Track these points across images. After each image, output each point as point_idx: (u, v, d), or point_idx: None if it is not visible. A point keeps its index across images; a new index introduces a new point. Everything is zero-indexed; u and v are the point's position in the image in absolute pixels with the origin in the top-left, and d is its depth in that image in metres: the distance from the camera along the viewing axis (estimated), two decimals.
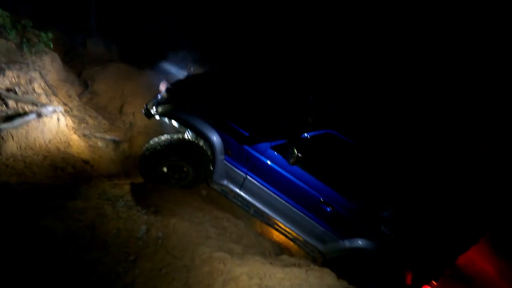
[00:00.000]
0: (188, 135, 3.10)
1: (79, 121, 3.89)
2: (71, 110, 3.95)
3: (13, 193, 2.13)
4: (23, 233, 1.70)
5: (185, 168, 2.89)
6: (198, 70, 5.21)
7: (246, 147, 2.83)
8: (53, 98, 3.64)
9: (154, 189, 2.71)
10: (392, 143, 3.38)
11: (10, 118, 2.75)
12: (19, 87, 3.20)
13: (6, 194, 2.08)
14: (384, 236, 2.92)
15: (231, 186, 3.01)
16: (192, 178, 2.94)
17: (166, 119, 2.98)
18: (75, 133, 3.57)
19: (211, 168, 2.94)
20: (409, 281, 2.95)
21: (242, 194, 3.02)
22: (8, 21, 3.66)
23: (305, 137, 2.79)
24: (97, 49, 6.08)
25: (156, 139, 2.89)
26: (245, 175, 2.91)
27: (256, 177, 2.91)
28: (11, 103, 2.98)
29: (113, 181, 2.82)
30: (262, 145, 2.84)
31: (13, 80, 3.26)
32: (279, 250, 3.15)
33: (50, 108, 3.11)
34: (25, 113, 2.87)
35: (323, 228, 3.00)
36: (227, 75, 4.59)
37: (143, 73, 5.37)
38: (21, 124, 2.74)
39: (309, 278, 2.17)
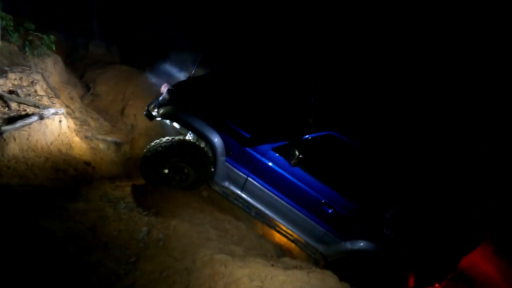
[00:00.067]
0: (189, 136, 3.11)
1: (81, 123, 3.91)
2: (73, 112, 3.97)
3: (14, 194, 2.14)
4: (23, 234, 1.70)
5: (186, 170, 2.89)
6: (199, 72, 5.22)
7: (247, 148, 2.83)
8: (55, 100, 3.66)
9: (155, 190, 2.71)
10: (392, 143, 3.37)
11: (12, 120, 2.77)
12: (21, 89, 3.22)
13: (7, 196, 2.09)
14: (385, 237, 2.91)
15: (232, 188, 3.00)
16: (193, 179, 2.93)
17: (168, 121, 2.99)
18: (77, 135, 3.58)
19: (212, 169, 2.94)
20: (411, 283, 2.93)
21: (243, 195, 3.01)
22: (11, 24, 3.68)
23: (306, 138, 2.78)
24: (98, 51, 6.11)
25: (157, 140, 2.90)
26: (246, 176, 2.90)
27: (257, 179, 2.90)
28: (14, 105, 3.00)
29: (114, 183, 2.82)
30: (263, 147, 2.84)
31: (16, 82, 3.28)
32: (280, 252, 3.14)
33: (52, 110, 3.12)
34: (27, 115, 2.89)
35: (324, 230, 2.99)
36: (227, 77, 4.59)
37: (144, 75, 5.39)
38: (23, 126, 2.75)
39: (311, 281, 2.16)
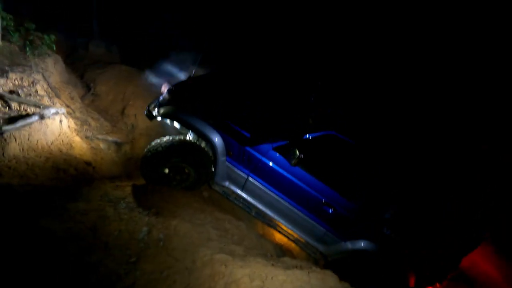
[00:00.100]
0: (189, 136, 3.11)
1: (82, 123, 3.91)
2: (74, 112, 3.97)
3: (15, 194, 2.14)
4: (24, 234, 1.71)
5: (186, 170, 2.90)
6: (199, 71, 5.22)
7: (248, 148, 2.83)
8: (55, 100, 3.66)
9: (155, 190, 2.71)
10: (393, 143, 3.37)
11: (13, 120, 2.77)
12: (22, 89, 3.22)
13: (8, 196, 2.09)
14: (385, 237, 2.91)
15: (233, 188, 3.00)
16: (193, 179, 2.94)
17: (168, 121, 2.99)
18: (77, 135, 3.59)
19: (212, 169, 2.94)
20: (412, 283, 2.93)
21: (244, 195, 3.01)
22: (11, 23, 3.69)
23: (307, 138, 2.78)
24: (98, 51, 6.11)
25: (157, 140, 2.90)
26: (246, 176, 2.90)
27: (257, 178, 2.91)
28: (14, 105, 3.00)
29: (115, 182, 2.82)
30: (264, 146, 2.84)
31: (16, 82, 3.28)
32: (281, 252, 3.14)
33: (53, 110, 3.12)
34: (27, 115, 2.89)
35: (324, 229, 2.99)
36: (228, 76, 4.59)
37: (144, 75, 5.39)
38: (23, 126, 2.75)
39: (311, 280, 2.16)
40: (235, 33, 7.72)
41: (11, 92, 3.10)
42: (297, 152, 2.58)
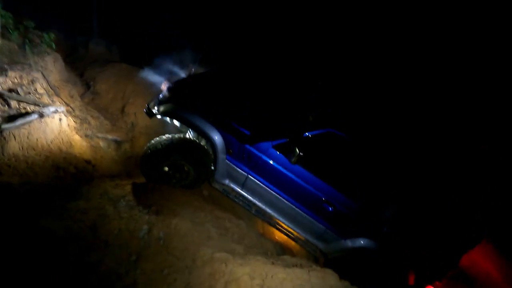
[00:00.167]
0: (189, 134, 3.10)
1: (81, 121, 3.90)
2: (73, 110, 3.96)
3: (14, 193, 2.13)
4: (24, 233, 1.70)
5: (186, 168, 2.89)
6: (199, 70, 5.21)
7: (248, 146, 2.83)
8: (55, 98, 3.65)
9: (155, 189, 2.71)
10: (393, 143, 3.37)
11: (12, 118, 2.76)
12: (21, 87, 3.21)
13: (7, 194, 2.08)
14: (385, 236, 2.91)
15: (233, 186, 3.00)
16: (193, 178, 2.93)
17: (168, 119, 2.98)
18: (77, 133, 3.58)
19: (212, 168, 2.93)
20: (411, 281, 2.94)
21: (244, 193, 3.01)
22: (11, 22, 3.67)
23: (307, 136, 2.78)
24: (98, 50, 6.09)
25: (157, 138, 2.90)
26: (246, 174, 2.90)
27: (257, 176, 2.90)
28: (14, 103, 2.99)
29: (114, 181, 2.82)
30: (264, 144, 2.83)
31: (16, 80, 3.27)
32: (281, 250, 3.14)
33: (52, 109, 3.11)
34: (27, 114, 2.88)
35: (324, 227, 2.99)
36: (228, 74, 4.58)
37: (144, 73, 5.38)
38: (23, 125, 2.74)
39: (311, 279, 2.16)
40: (235, 33, 7.70)
41: (10, 90, 3.09)
42: (297, 150, 2.58)
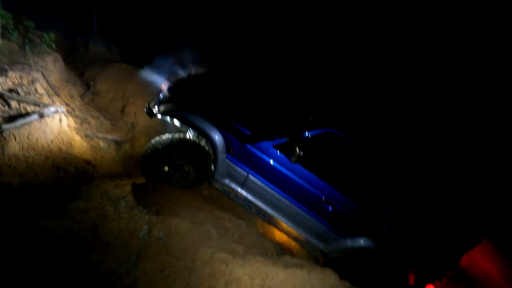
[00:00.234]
0: (189, 134, 3.10)
1: (81, 121, 3.90)
2: (73, 110, 3.96)
3: (14, 193, 2.13)
4: (24, 234, 1.70)
5: (186, 168, 2.89)
6: (199, 70, 5.21)
7: (248, 145, 2.83)
8: (55, 98, 3.65)
9: (155, 189, 2.71)
10: (393, 142, 3.37)
11: (12, 118, 2.76)
12: (21, 87, 3.21)
13: (8, 195, 2.08)
14: (385, 236, 2.91)
15: (233, 185, 3.00)
16: (192, 178, 2.93)
17: (168, 118, 2.98)
18: (77, 133, 3.58)
19: (212, 167, 2.93)
20: (411, 281, 2.94)
21: (244, 193, 3.01)
22: (11, 22, 3.67)
23: (307, 136, 2.78)
24: (98, 50, 6.10)
25: (157, 138, 2.90)
26: (246, 174, 2.90)
27: (257, 176, 2.90)
28: (14, 103, 2.99)
29: (115, 181, 2.82)
30: (264, 144, 2.83)
31: (16, 80, 3.27)
32: (281, 250, 3.14)
33: (52, 109, 3.11)
34: (27, 114, 2.88)
35: (324, 227, 2.99)
36: (228, 74, 4.59)
37: (144, 73, 5.37)
38: (23, 125, 2.74)
39: (311, 279, 2.16)
40: (235, 33, 7.70)
41: (10, 90, 3.09)
42: (297, 150, 2.58)
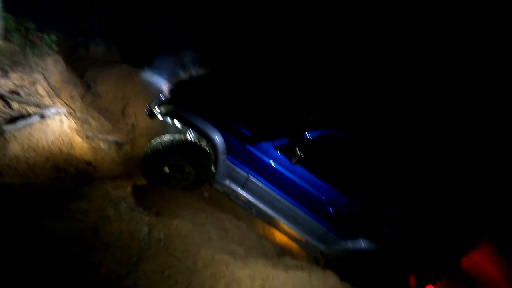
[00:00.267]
0: (190, 135, 3.11)
1: (82, 122, 3.91)
2: (74, 111, 3.97)
3: (15, 194, 2.14)
4: (24, 234, 1.70)
5: (186, 169, 2.89)
6: (200, 70, 5.22)
7: (248, 146, 2.83)
8: (56, 99, 3.66)
9: (156, 190, 2.71)
10: (393, 143, 3.37)
11: (13, 119, 2.77)
12: (22, 89, 3.22)
13: (9, 195, 2.09)
14: (385, 236, 2.91)
15: (233, 186, 3.00)
16: (193, 179, 2.93)
17: (169, 119, 2.99)
18: (77, 134, 3.58)
19: (212, 169, 2.94)
20: (412, 282, 2.94)
21: (244, 194, 3.01)
22: (12, 23, 3.68)
23: (307, 136, 2.78)
24: (99, 51, 6.10)
25: (158, 139, 2.90)
26: (247, 175, 2.90)
27: (258, 177, 2.91)
28: (15, 105, 3.00)
29: (115, 182, 2.82)
30: (264, 145, 2.84)
31: (17, 82, 3.28)
32: (281, 252, 3.14)
33: (53, 110, 3.12)
34: (28, 115, 2.89)
35: (325, 228, 2.99)
36: (229, 75, 4.59)
37: (144, 74, 5.38)
38: (24, 126, 2.75)
39: (312, 281, 2.16)
40: (235, 33, 7.72)
41: (11, 92, 3.10)
42: (297, 151, 2.58)
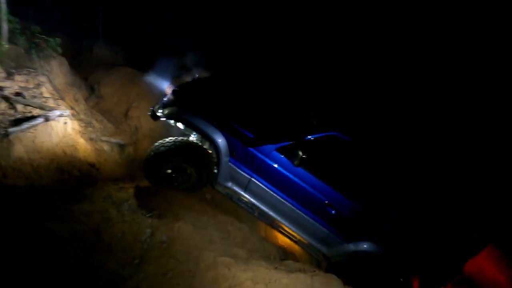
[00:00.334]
0: (193, 137, 3.12)
1: (86, 125, 3.94)
2: (78, 114, 4.01)
3: (19, 195, 2.16)
4: (27, 235, 1.72)
5: (188, 170, 2.90)
6: (203, 73, 5.24)
7: (251, 149, 2.83)
8: (60, 102, 3.69)
9: (158, 192, 2.72)
10: (394, 143, 3.36)
11: (18, 122, 2.80)
12: (27, 91, 3.26)
13: (13, 197, 2.11)
14: (387, 238, 2.89)
15: (236, 188, 3.00)
16: (194, 180, 2.94)
17: (172, 121, 3.00)
18: (81, 136, 3.61)
19: (214, 171, 2.94)
20: (416, 286, 2.90)
21: (247, 196, 3.01)
22: (18, 27, 3.74)
23: (310, 139, 2.78)
24: (103, 53, 6.17)
25: (161, 141, 2.91)
26: (249, 177, 2.90)
27: (260, 179, 2.90)
28: (20, 107, 3.04)
29: (118, 184, 2.84)
30: (267, 147, 2.84)
31: (22, 84, 3.32)
32: (283, 254, 3.12)
33: (58, 112, 3.15)
34: (33, 117, 2.92)
35: (327, 231, 2.98)
36: (231, 77, 4.61)
37: (148, 77, 5.42)
38: (29, 128, 2.78)
39: (314, 284, 2.14)
40: (237, 35, 7.75)
41: (16, 94, 3.14)
42: (300, 153, 2.58)
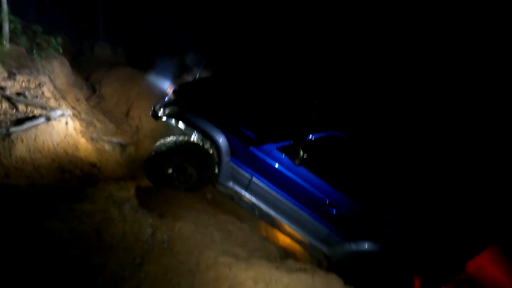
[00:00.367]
0: (194, 137, 3.12)
1: (87, 124, 3.95)
2: (79, 113, 4.01)
3: (21, 195, 2.16)
4: (28, 234, 1.72)
5: (188, 170, 2.90)
6: (204, 72, 5.24)
7: (252, 148, 2.83)
8: (61, 102, 3.70)
9: (159, 192, 2.72)
10: (394, 143, 3.36)
11: (20, 121, 2.81)
12: (29, 91, 3.27)
13: (15, 196, 2.11)
14: (388, 237, 2.89)
15: (237, 188, 3.00)
16: (195, 180, 2.94)
17: (173, 121, 3.01)
18: (83, 136, 3.62)
19: (215, 170, 2.94)
20: (417, 286, 2.90)
21: (248, 195, 3.01)
22: (19, 27, 3.75)
23: (310, 138, 2.78)
24: (104, 53, 6.19)
25: (162, 140, 2.92)
26: (250, 176, 2.90)
27: (261, 179, 2.90)
28: (21, 106, 3.04)
29: (119, 184, 2.83)
30: (268, 146, 2.84)
31: (24, 84, 3.33)
32: (284, 254, 3.12)
33: (59, 112, 3.16)
34: (34, 117, 2.93)
35: (328, 230, 2.98)
36: (232, 77, 4.61)
37: (149, 76, 5.43)
38: (30, 128, 2.78)
39: (315, 284, 2.14)
40: (238, 35, 7.75)
41: (18, 94, 3.15)
42: (301, 152, 2.58)
